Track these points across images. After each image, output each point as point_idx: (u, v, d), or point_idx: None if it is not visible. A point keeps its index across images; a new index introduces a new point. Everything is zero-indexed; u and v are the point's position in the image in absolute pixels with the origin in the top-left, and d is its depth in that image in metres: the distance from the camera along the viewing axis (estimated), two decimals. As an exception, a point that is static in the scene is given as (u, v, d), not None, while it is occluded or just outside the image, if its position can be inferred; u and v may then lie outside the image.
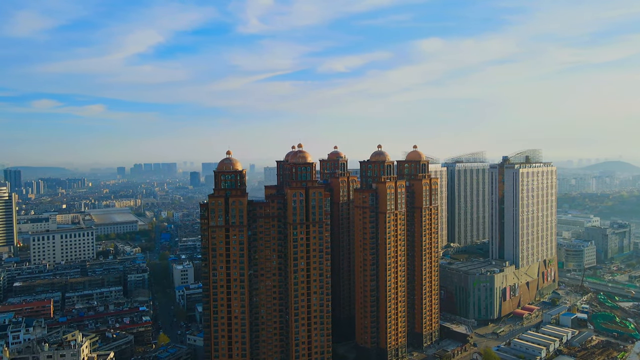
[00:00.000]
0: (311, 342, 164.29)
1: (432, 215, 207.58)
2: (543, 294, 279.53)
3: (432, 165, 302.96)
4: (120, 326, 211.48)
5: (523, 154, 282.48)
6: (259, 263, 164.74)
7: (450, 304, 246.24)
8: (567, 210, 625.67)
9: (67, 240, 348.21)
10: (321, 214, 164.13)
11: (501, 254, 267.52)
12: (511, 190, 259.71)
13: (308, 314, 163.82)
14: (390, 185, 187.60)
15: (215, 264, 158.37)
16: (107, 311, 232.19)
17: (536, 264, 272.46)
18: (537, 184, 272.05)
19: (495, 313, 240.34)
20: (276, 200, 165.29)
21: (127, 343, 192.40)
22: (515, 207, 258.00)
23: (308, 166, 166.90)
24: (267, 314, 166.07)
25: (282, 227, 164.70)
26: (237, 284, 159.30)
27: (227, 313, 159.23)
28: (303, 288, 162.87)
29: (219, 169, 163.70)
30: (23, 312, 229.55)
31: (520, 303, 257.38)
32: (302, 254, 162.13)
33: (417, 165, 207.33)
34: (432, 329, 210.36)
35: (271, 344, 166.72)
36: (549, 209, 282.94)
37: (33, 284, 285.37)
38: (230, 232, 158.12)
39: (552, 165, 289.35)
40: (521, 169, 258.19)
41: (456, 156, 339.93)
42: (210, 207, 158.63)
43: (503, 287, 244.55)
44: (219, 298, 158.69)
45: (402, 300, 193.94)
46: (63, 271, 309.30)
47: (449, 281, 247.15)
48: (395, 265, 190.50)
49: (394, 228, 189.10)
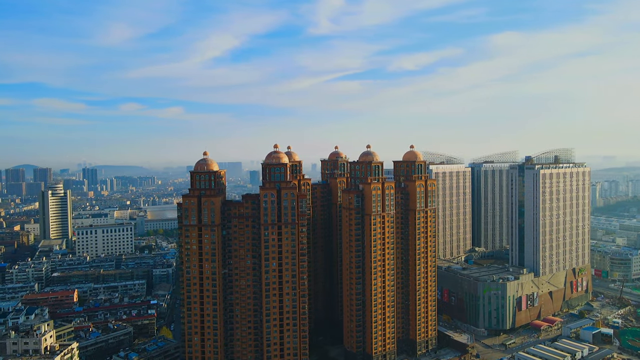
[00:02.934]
0: (283, 343, 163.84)
1: (428, 218, 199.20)
2: (572, 305, 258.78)
3: (455, 165, 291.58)
4: (126, 318, 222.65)
5: (552, 154, 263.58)
6: (234, 262, 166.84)
7: (461, 312, 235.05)
8: (635, 214, 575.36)
9: (107, 235, 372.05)
10: (294, 215, 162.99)
11: (521, 260, 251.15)
12: (531, 193, 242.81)
13: (280, 315, 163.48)
14: (376, 186, 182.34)
15: (188, 262, 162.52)
16: (121, 303, 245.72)
17: (562, 272, 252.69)
18: (565, 186, 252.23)
19: (508, 323, 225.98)
20: (250, 200, 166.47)
21: (125, 334, 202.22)
22: (536, 211, 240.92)
23: (282, 167, 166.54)
24: (241, 313, 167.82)
25: (256, 227, 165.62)
26: (209, 282, 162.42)
27: (199, 310, 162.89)
28: (275, 289, 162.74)
29: (195, 169, 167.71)
30: (49, 301, 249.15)
31: (541, 314, 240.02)
32: (274, 254, 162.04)
33: (412, 166, 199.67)
34: (428, 336, 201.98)
35: (245, 343, 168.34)
36: (580, 213, 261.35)
37: (69, 274, 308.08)
38: (203, 231, 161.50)
39: (585, 165, 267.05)
40: (542, 170, 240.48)
41: (486, 156, 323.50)
42: (184, 206, 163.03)
43: (518, 296, 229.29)
44: (192, 296, 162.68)
45: (390, 305, 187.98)
46: (99, 264, 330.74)
47: (459, 288, 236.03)
48: (382, 269, 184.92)
49: (380, 230, 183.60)
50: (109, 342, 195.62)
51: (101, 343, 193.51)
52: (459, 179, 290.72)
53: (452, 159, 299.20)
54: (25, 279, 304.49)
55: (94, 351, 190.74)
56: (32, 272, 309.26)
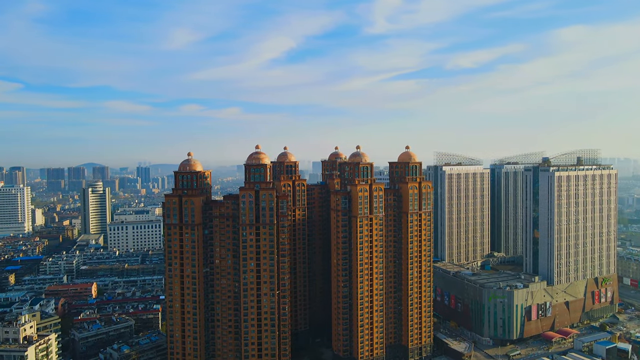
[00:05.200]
0: (262, 343, 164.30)
1: (422, 221, 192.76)
2: (594, 317, 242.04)
3: (472, 167, 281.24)
4: (132, 311, 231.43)
5: (574, 155, 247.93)
6: (215, 262, 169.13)
7: (466, 319, 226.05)
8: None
9: (137, 230, 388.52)
10: (272, 216, 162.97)
11: (535, 268, 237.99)
12: (546, 197, 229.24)
13: (258, 315, 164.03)
14: (362, 188, 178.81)
15: (170, 260, 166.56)
16: (133, 297, 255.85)
17: (582, 281, 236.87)
18: (587, 189, 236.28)
19: (515, 333, 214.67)
20: (231, 200, 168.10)
21: (126, 327, 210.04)
22: (550, 216, 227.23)
23: (261, 167, 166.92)
24: (222, 312, 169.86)
25: (236, 227, 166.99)
26: (189, 280, 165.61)
27: (180, 308, 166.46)
28: (253, 289, 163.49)
29: (178, 169, 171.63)
30: (68, 292, 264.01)
31: (555, 325, 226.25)
32: (252, 254, 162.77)
33: (405, 168, 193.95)
34: (422, 343, 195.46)
35: (226, 341, 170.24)
36: (605, 219, 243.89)
37: (96, 268, 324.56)
38: (184, 230, 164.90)
39: (611, 168, 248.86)
40: (558, 172, 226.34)
41: (510, 156, 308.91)
42: (166, 205, 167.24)
43: (527, 305, 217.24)
44: (173, 294, 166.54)
45: (379, 310, 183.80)
46: (126, 258, 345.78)
47: (466, 294, 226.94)
48: (370, 272, 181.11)
49: (367, 233, 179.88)
50: (109, 335, 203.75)
51: (102, 335, 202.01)
52: (476, 180, 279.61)
53: (471, 160, 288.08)
54: (57, 271, 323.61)
55: (94, 342, 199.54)
56: (63, 265, 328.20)
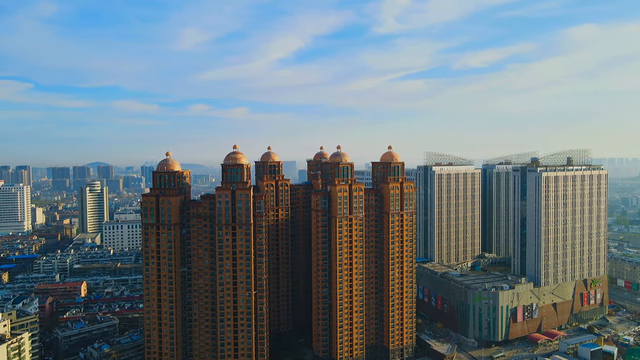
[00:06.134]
0: (238, 343, 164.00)
1: (403, 222, 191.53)
2: (584, 319, 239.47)
3: (463, 167, 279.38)
4: (118, 310, 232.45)
5: (564, 155, 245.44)
6: (193, 261, 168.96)
7: (452, 321, 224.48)
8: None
9: (133, 230, 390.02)
10: (248, 216, 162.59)
11: (523, 269, 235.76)
12: (533, 197, 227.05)
13: (235, 315, 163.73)
14: (342, 188, 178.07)
15: (147, 260, 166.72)
16: (121, 296, 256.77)
17: (571, 283, 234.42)
18: (576, 190, 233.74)
19: (500, 335, 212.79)
20: (208, 200, 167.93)
21: (110, 326, 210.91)
22: (538, 217, 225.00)
23: (238, 167, 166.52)
24: (199, 312, 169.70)
25: (213, 227, 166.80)
26: (166, 280, 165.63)
27: (157, 308, 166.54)
28: (229, 289, 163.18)
29: (156, 169, 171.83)
30: (58, 291, 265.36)
31: (542, 327, 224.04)
32: (228, 255, 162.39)
33: (387, 168, 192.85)
34: (404, 344, 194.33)
35: (203, 341, 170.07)
36: (595, 220, 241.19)
37: (88, 267, 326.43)
38: (160, 230, 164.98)
39: (602, 168, 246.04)
40: (545, 173, 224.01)
41: (502, 156, 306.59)
42: (143, 205, 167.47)
43: (513, 307, 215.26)
44: (150, 293, 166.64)
45: (358, 310, 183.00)
46: (119, 257, 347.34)
47: (452, 295, 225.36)
48: (349, 273, 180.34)
49: (347, 233, 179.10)
50: (92, 333, 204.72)
51: (84, 334, 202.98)
52: (467, 181, 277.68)
53: (462, 160, 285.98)
54: (51, 269, 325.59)
55: (77, 341, 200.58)
56: (57, 264, 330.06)
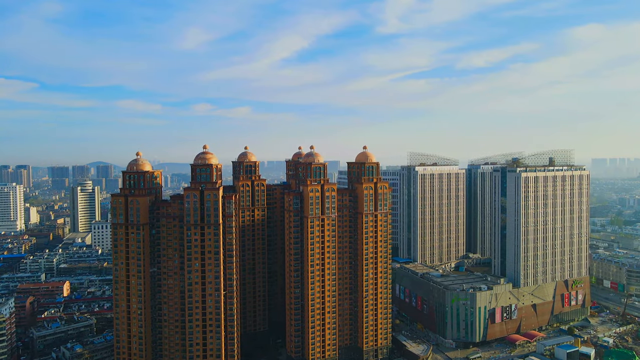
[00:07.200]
0: (206, 344, 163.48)
1: (378, 222, 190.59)
2: (565, 320, 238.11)
3: (446, 167, 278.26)
4: (97, 310, 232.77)
5: (546, 155, 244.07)
6: (162, 262, 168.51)
7: (431, 321, 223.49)
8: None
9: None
10: (217, 216, 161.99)
11: (503, 270, 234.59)
12: (513, 197, 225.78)
13: (203, 315, 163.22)
14: (314, 188, 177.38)
15: (117, 260, 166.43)
16: (102, 296, 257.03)
17: (551, 284, 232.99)
18: (556, 190, 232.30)
19: (477, 336, 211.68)
20: (178, 200, 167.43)
21: (86, 326, 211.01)
22: (517, 217, 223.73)
23: (207, 167, 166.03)
24: (169, 312, 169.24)
25: (182, 227, 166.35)
26: (135, 280, 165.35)
27: (126, 308, 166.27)
28: (197, 289, 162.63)
29: (126, 169, 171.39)
30: (40, 291, 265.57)
31: (522, 328, 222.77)
32: (197, 255, 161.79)
33: (362, 168, 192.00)
34: (378, 345, 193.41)
35: (173, 342, 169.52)
36: (576, 221, 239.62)
37: (75, 266, 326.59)
38: (129, 230, 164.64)
39: (584, 169, 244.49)
40: (525, 173, 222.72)
41: (488, 157, 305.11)
42: (112, 205, 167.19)
43: (491, 308, 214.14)
44: (120, 293, 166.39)
45: (331, 311, 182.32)
46: (106, 257, 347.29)
47: (431, 296, 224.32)
48: (321, 273, 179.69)
49: (319, 234, 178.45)
50: (68, 333, 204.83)
51: (60, 334, 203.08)
52: (451, 181, 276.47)
53: (447, 160, 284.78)
54: (37, 269, 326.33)
55: (52, 341, 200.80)
56: (43, 263, 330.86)
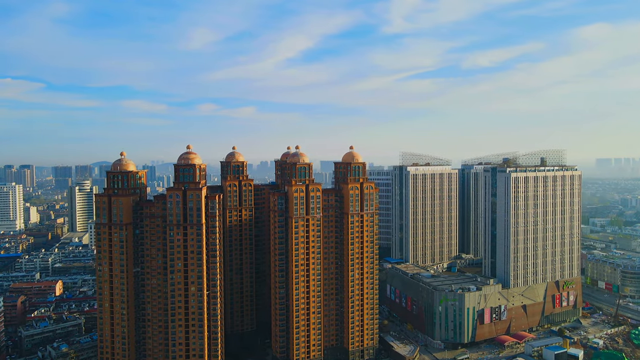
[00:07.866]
0: (189, 344, 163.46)
1: (364, 222, 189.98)
2: (556, 321, 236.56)
3: (440, 167, 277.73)
4: (87, 310, 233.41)
5: (538, 155, 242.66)
6: (146, 261, 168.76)
7: (420, 322, 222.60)
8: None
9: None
10: (199, 216, 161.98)
11: (493, 270, 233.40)
12: (503, 198, 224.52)
13: (186, 315, 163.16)
14: (298, 188, 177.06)
15: (100, 259, 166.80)
16: (94, 295, 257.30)
17: (542, 284, 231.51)
18: (547, 191, 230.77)
19: (466, 337, 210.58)
20: (161, 200, 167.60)
21: (74, 326, 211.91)
22: (507, 217, 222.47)
23: (190, 167, 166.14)
24: (152, 312, 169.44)
25: (166, 227, 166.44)
26: (118, 280, 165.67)
27: (109, 307, 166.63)
28: (180, 289, 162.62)
29: (111, 169, 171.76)
30: (32, 290, 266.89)
31: (512, 328, 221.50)
32: (180, 255, 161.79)
33: (348, 168, 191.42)
34: (365, 345, 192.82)
35: (156, 341, 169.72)
36: (568, 221, 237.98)
37: (69, 266, 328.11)
38: (113, 230, 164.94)
39: (576, 169, 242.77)
40: (515, 174, 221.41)
41: (482, 156, 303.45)
42: (96, 205, 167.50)
43: (480, 308, 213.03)
44: (103, 293, 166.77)
45: (316, 311, 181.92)
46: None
47: (421, 297, 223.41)
48: (306, 274, 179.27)
49: (303, 234, 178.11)
50: (56, 333, 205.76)
51: (48, 333, 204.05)
52: (444, 181, 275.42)
53: (439, 160, 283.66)
54: (33, 268, 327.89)
55: (40, 340, 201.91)
56: (39, 262, 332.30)
